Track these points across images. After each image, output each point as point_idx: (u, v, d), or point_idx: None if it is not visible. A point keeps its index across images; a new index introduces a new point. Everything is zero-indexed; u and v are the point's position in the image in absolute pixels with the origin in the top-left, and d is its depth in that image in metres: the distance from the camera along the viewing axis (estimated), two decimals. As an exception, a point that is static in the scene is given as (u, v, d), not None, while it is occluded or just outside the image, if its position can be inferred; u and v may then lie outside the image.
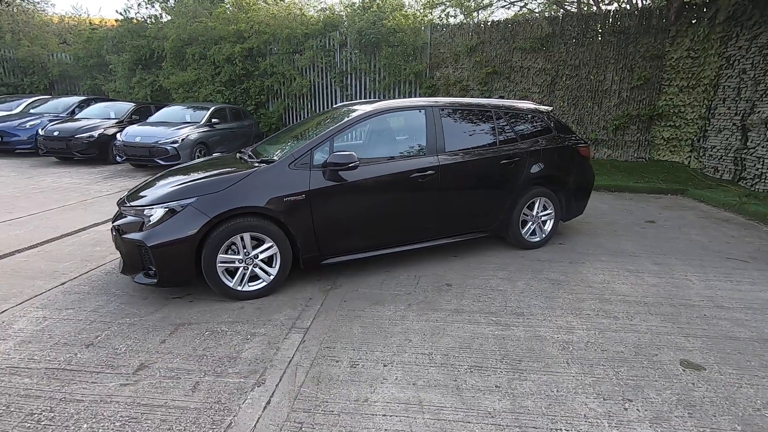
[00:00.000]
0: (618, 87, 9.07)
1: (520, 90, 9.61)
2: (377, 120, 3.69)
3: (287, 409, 2.07)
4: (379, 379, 2.31)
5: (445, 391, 2.21)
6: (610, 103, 9.16)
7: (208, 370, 2.37)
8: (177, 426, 1.95)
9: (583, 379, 2.31)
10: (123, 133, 9.16)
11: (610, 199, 6.76)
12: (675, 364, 2.44)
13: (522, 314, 3.04)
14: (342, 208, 3.37)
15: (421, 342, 2.68)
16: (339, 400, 2.14)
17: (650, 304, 3.21)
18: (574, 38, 9.09)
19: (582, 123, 9.39)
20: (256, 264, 3.19)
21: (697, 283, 3.59)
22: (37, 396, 2.13)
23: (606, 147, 9.38)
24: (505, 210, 4.07)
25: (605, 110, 9.22)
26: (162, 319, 2.93)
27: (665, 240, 4.74)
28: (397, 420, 2.00)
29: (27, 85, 16.08)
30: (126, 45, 14.05)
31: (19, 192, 6.75)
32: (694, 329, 2.84)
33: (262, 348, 2.59)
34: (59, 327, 2.80)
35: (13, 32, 16.35)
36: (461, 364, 2.45)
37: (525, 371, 2.38)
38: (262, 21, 12.00)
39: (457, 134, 3.84)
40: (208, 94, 12.78)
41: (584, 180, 4.58)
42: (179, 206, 2.98)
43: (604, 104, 9.19)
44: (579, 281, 3.60)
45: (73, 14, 18.53)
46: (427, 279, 3.63)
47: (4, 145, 10.24)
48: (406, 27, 10.03)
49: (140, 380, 2.28)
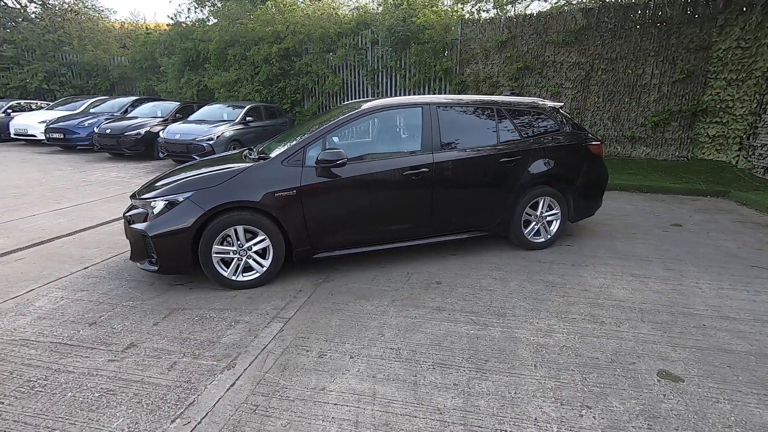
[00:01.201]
0: (658, 81, 8.50)
1: (552, 86, 9.26)
2: (372, 118, 3.75)
3: (248, 392, 2.20)
4: (341, 369, 2.39)
5: (401, 386, 2.25)
6: (649, 99, 8.61)
7: (187, 351, 2.56)
8: (146, 400, 2.13)
9: (546, 383, 2.27)
10: (165, 130, 9.80)
11: (639, 200, 6.39)
12: (651, 374, 2.33)
13: (504, 315, 2.99)
14: (333, 205, 3.46)
15: (393, 337, 2.72)
16: (298, 387, 2.24)
17: (646, 311, 3.05)
18: (611, 30, 8.61)
19: (618, 119, 8.90)
20: (250, 256, 3.36)
21: (707, 292, 3.36)
22: (37, 366, 2.40)
23: (644, 145, 8.83)
24: (506, 209, 4.00)
25: (643, 106, 8.68)
26: (161, 303, 3.17)
27: (686, 245, 4.44)
28: (346, 409, 2.07)
29: (91, 87, 17.54)
30: (176, 48, 14.95)
31: (70, 184, 7.43)
32: (685, 339, 2.68)
33: (242, 335, 2.75)
34: (71, 306, 3.10)
35: (80, 38, 17.86)
36: (426, 360, 2.48)
37: (488, 371, 2.37)
38: (298, 21, 12.35)
39: (454, 132, 3.82)
40: (247, 93, 13.34)
41: (595, 180, 4.39)
42: (178, 199, 3.20)
43: (643, 99, 8.65)
44: (575, 284, 3.48)
45: (131, 20, 19.89)
46: (418, 276, 3.66)
47: (67, 142, 11.25)
48: (435, 23, 9.95)
49: (126, 357, 2.50)
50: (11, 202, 6.13)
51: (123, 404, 2.10)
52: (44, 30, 17.64)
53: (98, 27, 18.84)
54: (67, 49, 17.34)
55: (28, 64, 17.03)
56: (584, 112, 9.11)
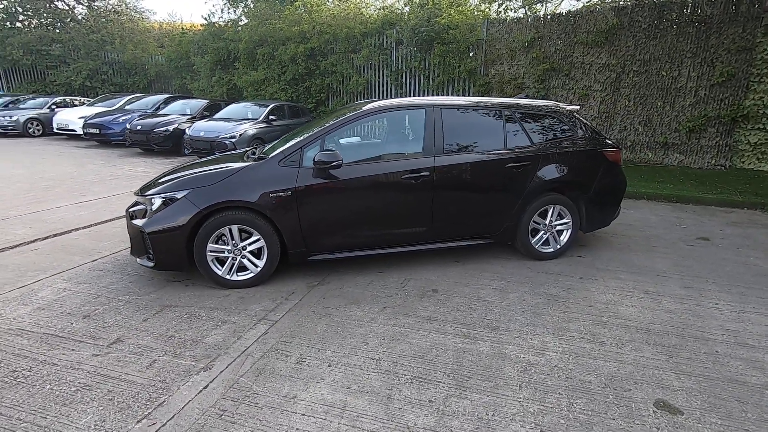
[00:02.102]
0: (695, 84, 7.99)
1: (580, 88, 8.88)
2: (373, 119, 3.67)
3: (218, 396, 2.17)
4: (317, 378, 2.33)
5: (374, 399, 2.16)
6: (685, 103, 8.10)
7: (169, 350, 2.56)
8: (118, 398, 2.14)
9: (529, 406, 2.12)
10: (190, 127, 10.08)
11: (666, 211, 6.02)
12: (647, 404, 2.14)
13: (497, 329, 2.85)
14: (329, 207, 3.41)
15: (376, 346, 2.64)
16: (269, 393, 2.20)
17: (653, 332, 2.83)
18: (645, 30, 8.17)
19: (650, 124, 8.43)
20: (244, 255, 3.36)
21: (727, 314, 3.09)
22: (25, 356, 2.47)
23: (677, 152, 8.33)
24: (512, 217, 3.83)
25: (678, 110, 8.18)
26: (155, 299, 3.21)
27: (711, 261, 4.12)
28: (312, 421, 2.01)
29: (130, 84, 18.31)
30: (208, 47, 15.38)
31: (98, 178, 7.74)
32: (693, 367, 2.46)
33: (226, 335, 2.73)
34: (71, 298, 3.19)
35: (121, 38, 18.69)
36: (406, 373, 2.38)
37: (469, 389, 2.24)
38: (324, 21, 12.43)
39: (459, 135, 3.68)
40: (274, 92, 13.55)
41: (611, 188, 4.14)
42: (175, 197, 3.23)
43: (677, 104, 8.15)
44: (580, 299, 3.28)
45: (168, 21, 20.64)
46: (415, 283, 3.55)
47: (102, 137, 11.77)
48: (460, 23, 9.76)
49: (110, 353, 2.53)
50: (41, 194, 6.44)
51: (96, 401, 2.12)
52: (89, 30, 18.57)
53: (138, 27, 19.65)
54: (109, 48, 18.17)
55: (74, 62, 17.96)
56: (613, 116, 8.69)
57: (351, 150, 3.81)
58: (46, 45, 18.01)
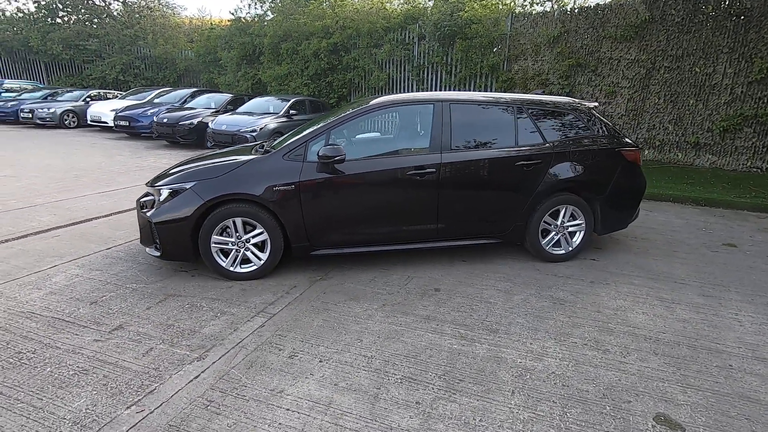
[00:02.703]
0: (731, 81, 7.54)
1: (607, 84, 8.54)
2: (380, 114, 3.62)
3: (207, 387, 2.19)
4: (306, 373, 2.32)
5: (360, 398, 2.13)
6: (719, 101, 7.66)
7: (166, 338, 2.61)
8: (112, 383, 2.19)
9: (519, 413, 2.05)
10: (213, 121, 10.29)
11: (693, 214, 5.72)
12: (646, 418, 2.03)
13: (496, 331, 2.77)
14: (332, 202, 3.39)
15: (370, 344, 2.61)
16: (257, 386, 2.20)
17: (663, 342, 2.69)
18: (678, 24, 7.75)
19: (681, 123, 8.03)
20: (248, 248, 3.39)
21: (747, 326, 2.90)
22: (31, 339, 2.56)
23: (709, 153, 7.90)
24: (521, 217, 3.71)
25: (712, 109, 7.75)
26: (160, 288, 3.28)
27: (736, 269, 3.89)
28: (296, 417, 2.00)
29: (160, 79, 18.83)
30: (234, 42, 15.64)
31: (125, 169, 8.01)
32: (701, 380, 2.32)
33: (223, 327, 2.76)
34: (82, 284, 3.30)
35: (153, 33, 19.23)
36: (396, 372, 2.34)
37: (459, 392, 2.19)
38: (347, 16, 12.42)
39: (467, 131, 3.59)
40: (297, 86, 13.66)
41: (628, 189, 3.95)
42: (182, 189, 3.29)
43: (711, 101, 7.72)
44: (588, 304, 3.15)
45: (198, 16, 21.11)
46: (418, 281, 3.50)
47: (131, 130, 12.17)
48: (483, 17, 9.55)
49: (111, 339, 2.59)
50: (70, 183, 6.70)
51: (90, 385, 2.18)
52: (123, 25, 19.20)
53: (169, 23, 20.17)
54: (142, 43, 18.73)
55: (108, 56, 18.61)
56: (642, 114, 8.32)
57: (357, 145, 3.78)
58: (84, 40, 18.73)
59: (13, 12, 19.30)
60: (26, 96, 15.36)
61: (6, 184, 6.42)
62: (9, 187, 6.25)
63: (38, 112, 13.83)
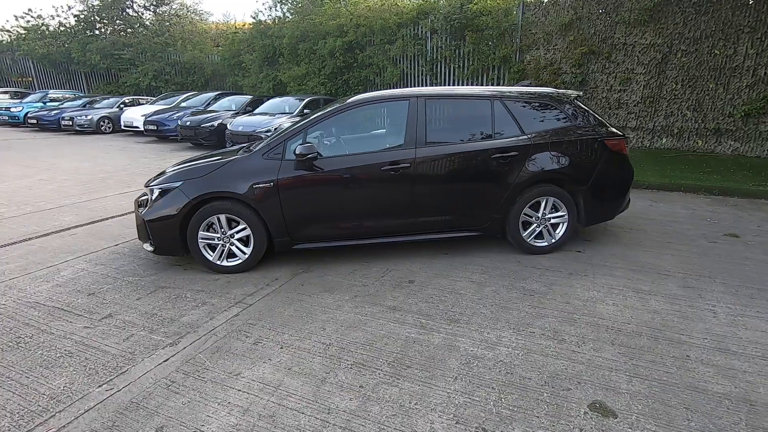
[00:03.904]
0: (753, 63, 7.09)
1: (622, 71, 8.23)
2: (357, 112, 3.73)
3: (173, 369, 2.39)
4: (265, 358, 2.48)
5: (308, 381, 2.27)
6: (741, 84, 7.23)
7: (147, 326, 2.84)
8: (91, 365, 2.43)
9: (456, 398, 2.12)
10: (231, 123, 10.69)
11: (703, 204, 5.48)
12: (581, 405, 2.05)
13: (457, 321, 2.83)
14: (310, 198, 3.54)
15: (332, 332, 2.74)
16: (218, 369, 2.38)
17: (625, 332, 2.66)
18: (695, 4, 7.36)
19: (700, 109, 7.63)
20: (233, 243, 3.59)
21: (721, 317, 2.82)
22: (31, 325, 2.86)
23: (731, 139, 7.47)
24: (500, 209, 3.72)
25: (733, 93, 7.32)
26: (153, 281, 3.54)
27: (730, 260, 3.74)
28: (245, 397, 2.16)
29: (189, 83, 19.63)
30: (256, 45, 16.12)
31: (148, 171, 8.48)
32: (652, 370, 2.30)
33: (201, 315, 2.97)
34: (86, 277, 3.61)
35: (182, 40, 20.08)
36: (349, 359, 2.46)
37: (403, 378, 2.28)
38: (361, 14, 12.54)
39: (443, 126, 3.65)
40: (314, 86, 13.94)
41: (613, 179, 3.87)
42: (170, 188, 3.53)
43: (732, 85, 7.30)
44: (558, 295, 3.15)
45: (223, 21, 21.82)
46: (395, 273, 3.59)
47: (160, 133, 12.82)
48: (492, 9, 9.41)
49: (99, 326, 2.85)
50: (96, 185, 7.21)
51: (72, 366, 2.42)
52: (154, 34, 20.17)
53: (197, 29, 21.00)
54: (171, 50, 19.60)
55: (141, 64, 19.60)
56: (658, 100, 7.97)
57: (337, 143, 3.90)
58: (119, 49, 19.81)
59: (56, 27, 20.65)
60: (67, 104, 16.45)
61: (40, 188, 6.98)
62: (42, 190, 6.79)
63: (77, 119, 14.79)
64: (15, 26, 20.50)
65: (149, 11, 22.34)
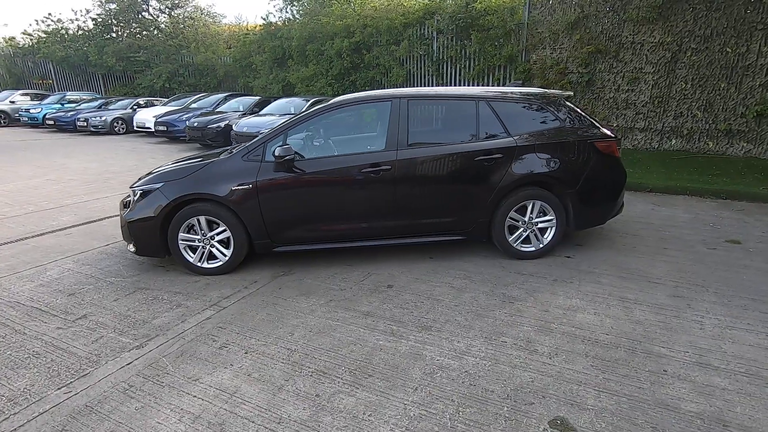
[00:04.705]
0: (766, 61, 6.78)
1: (630, 71, 7.98)
2: (339, 113, 3.68)
3: (134, 372, 2.38)
4: (227, 363, 2.45)
5: (265, 388, 2.23)
6: (754, 83, 6.92)
7: (118, 327, 2.84)
8: (55, 366, 2.44)
9: (412, 410, 2.05)
10: (237, 124, 10.78)
11: (707, 208, 5.26)
12: (541, 421, 1.96)
13: (429, 328, 2.76)
14: (289, 200, 3.50)
15: (299, 338, 2.69)
16: (178, 374, 2.36)
17: (602, 343, 2.55)
18: (706, 0, 7.08)
19: (711, 109, 7.34)
20: (213, 245, 3.58)
21: (707, 329, 2.67)
22: (7, 325, 2.89)
23: (744, 140, 7.16)
24: (484, 213, 3.63)
25: (745, 92, 7.02)
26: (134, 282, 3.55)
27: (727, 268, 3.56)
28: (198, 403, 2.13)
29: (202, 85, 19.91)
30: (266, 46, 16.25)
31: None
32: (623, 385, 2.18)
33: (173, 318, 2.96)
34: (70, 277, 3.64)
35: (195, 42, 20.38)
36: (311, 365, 2.41)
37: (362, 387, 2.22)
38: (368, 15, 12.50)
39: (425, 127, 3.58)
40: (321, 87, 13.96)
41: (604, 182, 3.73)
42: (151, 189, 3.54)
43: (745, 84, 6.99)
44: (538, 303, 3.04)
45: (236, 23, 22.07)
46: (375, 278, 3.53)
47: (169, 134, 13.02)
48: (498, 8, 9.26)
49: (71, 327, 2.87)
50: (100, 185, 7.33)
51: (37, 367, 2.43)
52: (168, 36, 20.52)
53: (210, 31, 21.29)
54: (185, 52, 19.92)
55: (156, 66, 19.97)
56: (668, 101, 7.70)
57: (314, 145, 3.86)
58: (135, 52, 20.23)
59: (75, 31, 21.20)
60: (84, 106, 16.85)
61: (46, 187, 7.13)
62: (47, 190, 6.94)
63: (92, 120, 15.14)
64: (36, 30, 21.12)
65: (164, 14, 22.75)
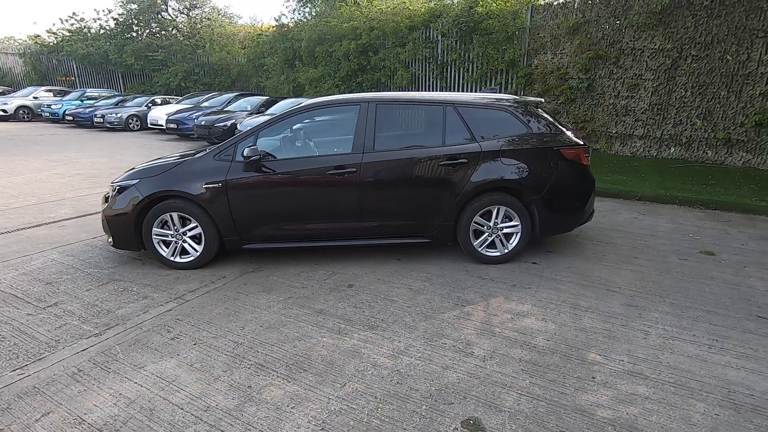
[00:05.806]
0: (767, 69, 6.62)
1: (630, 77, 7.87)
2: (309, 115, 3.78)
3: (86, 358, 2.52)
4: (174, 353, 2.56)
5: (202, 378, 2.33)
6: (754, 91, 6.74)
7: (83, 316, 2.99)
8: (17, 349, 2.60)
9: (334, 404, 2.12)
10: (241, 123, 11.01)
11: (693, 219, 5.18)
12: (455, 420, 2.01)
13: (375, 328, 2.83)
14: (257, 199, 3.62)
15: (249, 332, 2.79)
16: (126, 362, 2.49)
17: (539, 348, 2.57)
18: (707, 7, 6.94)
19: (711, 117, 7.18)
20: (185, 240, 3.72)
21: (651, 339, 2.67)
22: (-18, 310, 3.07)
23: (743, 150, 6.98)
24: (448, 216, 3.67)
25: (745, 101, 6.85)
26: (110, 273, 3.72)
27: (693, 279, 3.52)
28: (136, 388, 2.25)
29: (216, 84, 20.36)
30: (277, 47, 16.52)
31: (155, 168, 8.87)
32: (546, 390, 2.21)
33: (136, 309, 3.10)
34: (51, 267, 3.83)
35: (211, 42, 20.84)
36: (252, 359, 2.51)
37: (294, 381, 2.30)
38: (375, 17, 12.61)
39: (392, 131, 3.64)
40: (329, 88, 14.13)
41: (570, 190, 3.73)
42: (128, 186, 3.70)
43: (745, 92, 6.82)
44: (490, 307, 3.08)
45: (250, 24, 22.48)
46: (339, 277, 3.61)
47: (180, 132, 13.38)
48: (499, 12, 9.24)
49: (40, 314, 3.03)
50: (103, 179, 7.61)
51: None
52: (185, 36, 21.05)
53: (226, 32, 21.75)
54: (200, 51, 20.40)
55: (172, 65, 20.50)
56: (667, 108, 7.57)
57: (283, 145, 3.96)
58: (153, 51, 20.82)
59: (97, 30, 21.92)
60: (102, 103, 17.43)
61: (52, 181, 7.44)
62: (53, 183, 7.25)
63: (108, 116, 15.63)
64: (61, 29, 21.92)
65: (183, 14, 23.32)
